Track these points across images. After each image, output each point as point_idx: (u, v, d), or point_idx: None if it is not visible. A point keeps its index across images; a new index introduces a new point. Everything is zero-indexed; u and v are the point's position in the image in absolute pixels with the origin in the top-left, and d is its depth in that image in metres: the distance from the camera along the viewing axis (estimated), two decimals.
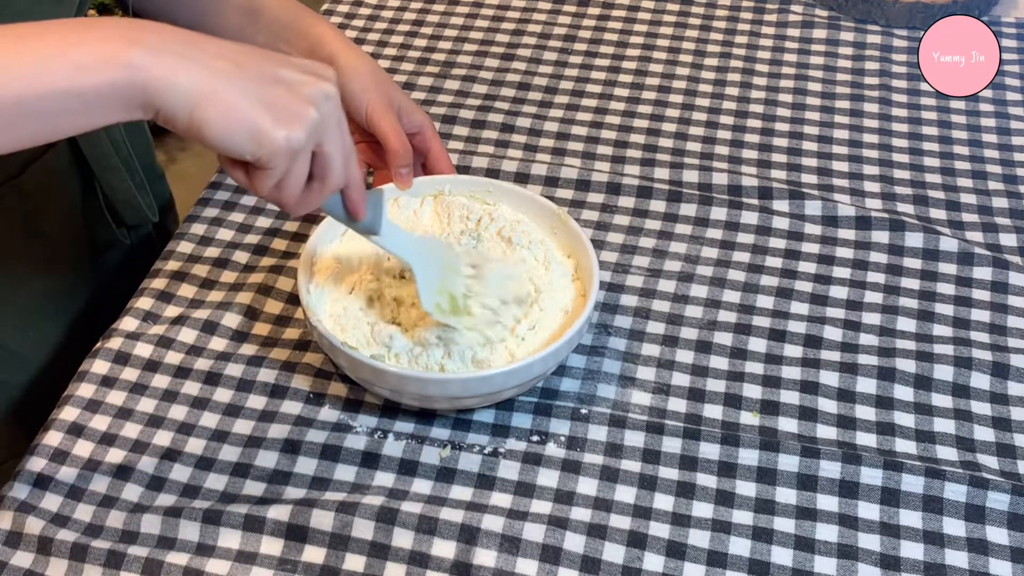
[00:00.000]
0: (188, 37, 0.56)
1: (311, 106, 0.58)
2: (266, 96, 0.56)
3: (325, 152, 0.60)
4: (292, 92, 0.57)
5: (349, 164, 0.63)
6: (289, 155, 0.57)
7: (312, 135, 0.58)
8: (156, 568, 0.68)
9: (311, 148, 0.59)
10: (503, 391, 0.73)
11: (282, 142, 0.56)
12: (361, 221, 0.68)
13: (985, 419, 0.77)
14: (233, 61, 0.56)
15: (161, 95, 0.53)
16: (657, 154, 0.98)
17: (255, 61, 0.57)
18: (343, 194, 0.66)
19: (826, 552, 0.69)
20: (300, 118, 0.57)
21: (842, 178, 0.96)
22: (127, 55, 0.53)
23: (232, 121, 0.55)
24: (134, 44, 0.53)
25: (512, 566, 0.68)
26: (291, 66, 0.59)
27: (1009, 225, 0.92)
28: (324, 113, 0.59)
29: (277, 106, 0.56)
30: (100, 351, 0.81)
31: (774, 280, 0.87)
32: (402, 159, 0.83)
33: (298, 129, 0.57)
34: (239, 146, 0.56)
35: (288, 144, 0.57)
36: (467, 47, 1.12)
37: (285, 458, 0.74)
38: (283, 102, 0.57)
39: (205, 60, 0.55)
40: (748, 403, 0.78)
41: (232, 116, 0.55)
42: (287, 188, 0.60)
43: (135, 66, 0.53)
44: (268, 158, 0.57)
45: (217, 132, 0.55)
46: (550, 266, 0.79)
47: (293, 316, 0.84)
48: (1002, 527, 0.70)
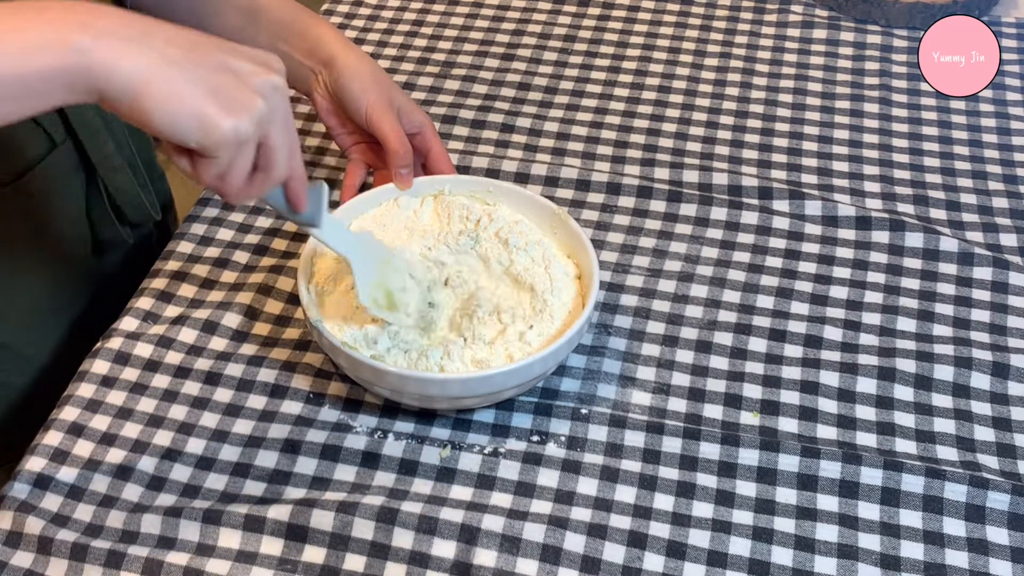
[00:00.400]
0: (141, 23, 0.55)
1: (259, 96, 0.57)
2: (214, 84, 0.55)
3: (271, 144, 0.60)
4: (240, 81, 0.57)
5: (293, 156, 0.63)
6: (235, 145, 0.57)
7: (259, 126, 0.58)
8: (156, 568, 0.67)
9: (257, 139, 0.59)
10: (503, 391, 0.73)
11: (229, 132, 0.56)
12: (301, 213, 0.68)
13: (985, 419, 0.77)
14: (183, 48, 0.55)
15: (104, 79, 0.53)
16: (657, 154, 0.98)
17: (205, 49, 0.57)
18: (285, 186, 0.66)
19: (826, 552, 0.69)
20: (248, 108, 0.56)
21: (842, 178, 0.96)
22: (73, 38, 0.52)
23: (177, 108, 0.54)
24: (81, 28, 0.53)
25: (512, 566, 0.68)
26: (241, 56, 0.58)
27: (1009, 225, 0.92)
28: (272, 104, 0.58)
29: (225, 95, 0.56)
30: (100, 351, 0.81)
31: (774, 280, 0.87)
32: (402, 159, 0.83)
33: (245, 119, 0.56)
34: (184, 133, 0.55)
35: (235, 134, 0.56)
36: (467, 47, 1.12)
37: (285, 458, 0.74)
38: (231, 91, 0.56)
39: (154, 45, 0.54)
40: (748, 403, 0.78)
41: (177, 103, 0.54)
42: (230, 178, 0.59)
43: (80, 50, 0.52)
44: (213, 147, 0.56)
45: (161, 118, 0.54)
46: (550, 266, 0.79)
47: (293, 316, 0.84)
48: (1002, 527, 0.70)
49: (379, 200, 0.84)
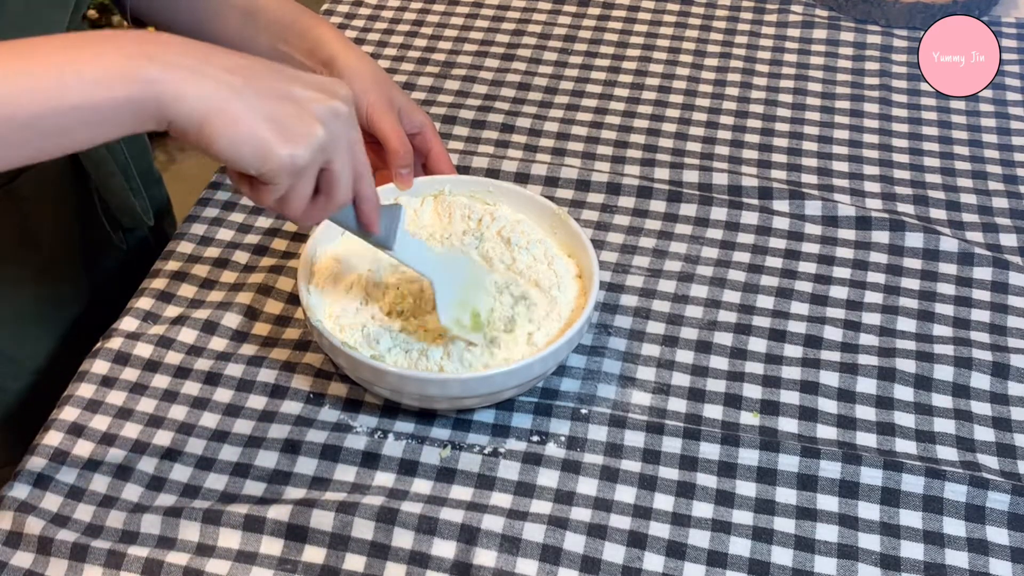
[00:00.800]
0: (202, 50, 0.57)
1: (319, 124, 0.58)
2: (274, 112, 0.57)
3: (333, 170, 0.61)
4: (301, 109, 0.58)
5: (361, 181, 0.64)
6: (292, 172, 0.58)
7: (318, 154, 0.58)
8: (156, 568, 0.67)
9: (317, 166, 0.60)
10: (503, 391, 0.73)
11: (286, 159, 0.57)
12: (374, 236, 0.69)
13: (985, 419, 0.77)
14: (244, 76, 0.56)
15: (173, 109, 0.54)
16: (657, 154, 0.98)
17: (267, 76, 0.58)
18: (357, 208, 0.67)
19: (826, 552, 0.69)
20: (306, 136, 0.57)
21: (842, 178, 0.96)
22: (142, 70, 0.54)
23: (238, 136, 0.55)
24: (148, 59, 0.54)
25: (512, 566, 0.68)
26: (303, 83, 0.59)
27: (1009, 225, 0.92)
28: (332, 131, 0.59)
29: (284, 123, 0.57)
30: (100, 351, 0.81)
31: (774, 280, 0.87)
32: (402, 159, 0.83)
33: (303, 147, 0.57)
34: (244, 161, 0.56)
35: (292, 162, 0.57)
36: (467, 47, 1.12)
37: (285, 458, 0.74)
38: (290, 119, 0.57)
39: (216, 74, 0.56)
40: (748, 403, 0.78)
41: (238, 131, 0.55)
42: (291, 203, 0.61)
43: (150, 80, 0.54)
44: (271, 174, 0.57)
45: (224, 146, 0.55)
46: (552, 264, 0.79)
47: (293, 316, 0.84)
48: (1002, 527, 0.70)
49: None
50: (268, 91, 0.57)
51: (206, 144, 0.56)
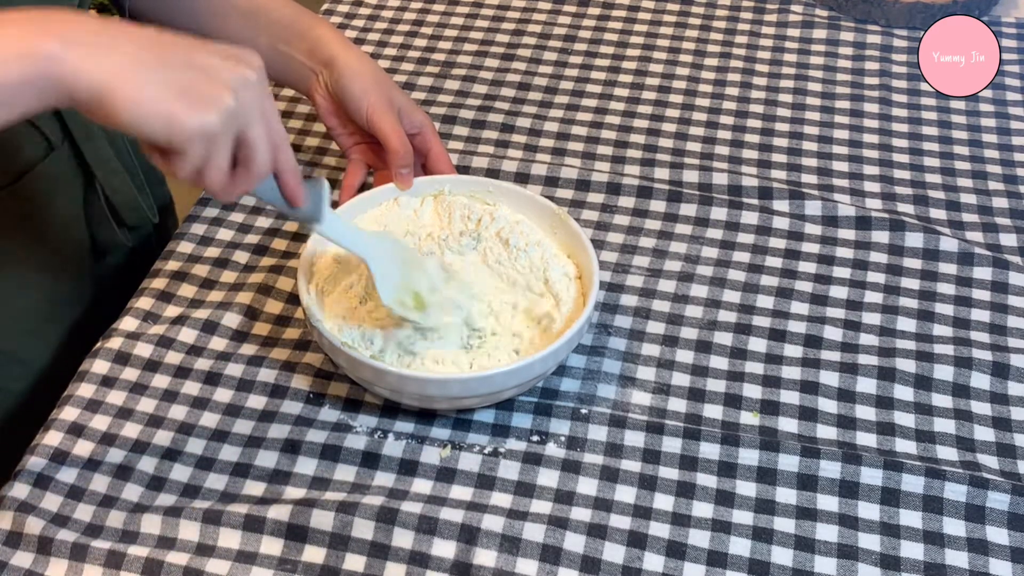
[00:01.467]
0: (106, 27, 0.56)
1: (228, 91, 0.57)
2: (180, 82, 0.56)
3: (248, 138, 0.60)
4: (209, 78, 0.57)
5: (279, 151, 0.63)
6: (204, 140, 0.57)
7: (229, 121, 0.57)
8: (156, 568, 0.67)
9: (231, 134, 0.58)
10: (503, 391, 0.73)
11: (195, 127, 0.56)
12: (299, 209, 0.67)
13: (985, 419, 0.77)
14: (149, 49, 0.56)
15: (72, 84, 0.53)
16: (657, 154, 0.98)
17: (174, 49, 0.57)
18: (279, 180, 0.65)
19: (826, 552, 0.69)
20: (214, 103, 0.56)
21: (842, 178, 0.96)
22: (41, 47, 0.53)
23: (142, 107, 0.54)
24: (48, 36, 0.53)
25: (512, 566, 0.68)
26: (212, 53, 0.58)
27: (1009, 225, 0.92)
28: (243, 99, 0.58)
29: (191, 92, 0.56)
30: (100, 351, 0.81)
31: (774, 280, 0.87)
32: (402, 159, 0.83)
33: (212, 114, 0.56)
34: (151, 131, 0.55)
35: (202, 128, 0.56)
36: (467, 47, 1.12)
37: (285, 458, 0.74)
38: (198, 87, 0.56)
39: (119, 48, 0.55)
40: (748, 403, 0.78)
41: (142, 102, 0.54)
42: (208, 174, 0.59)
43: (48, 57, 0.53)
44: (181, 143, 0.56)
45: (127, 118, 0.54)
46: (550, 266, 0.79)
47: (293, 316, 0.84)
48: (1002, 527, 0.70)
49: (379, 200, 0.84)
50: (174, 61, 0.56)
51: (108, 118, 0.55)
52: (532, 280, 0.79)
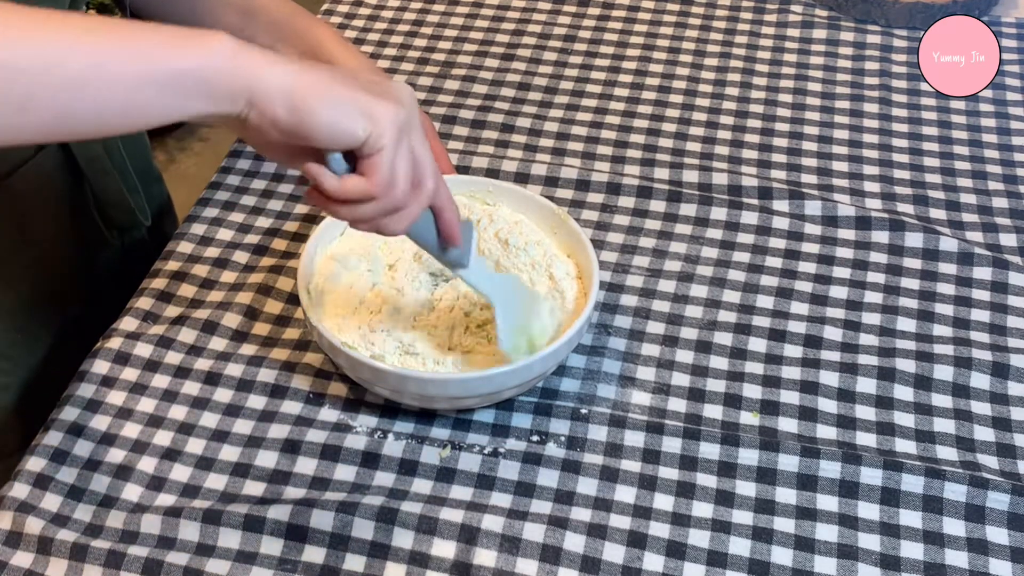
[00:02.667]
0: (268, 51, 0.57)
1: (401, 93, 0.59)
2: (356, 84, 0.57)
3: (416, 152, 0.60)
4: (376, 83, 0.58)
5: (439, 181, 0.62)
6: (398, 130, 0.57)
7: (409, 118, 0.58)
8: (156, 568, 0.68)
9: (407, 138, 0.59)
10: (503, 391, 0.73)
11: (391, 113, 0.56)
12: (455, 248, 0.66)
13: (985, 419, 0.77)
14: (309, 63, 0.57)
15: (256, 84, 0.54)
16: (657, 154, 0.98)
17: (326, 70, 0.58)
18: (439, 219, 0.65)
19: (826, 552, 0.69)
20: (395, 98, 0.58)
21: (842, 178, 0.96)
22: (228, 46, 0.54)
23: (337, 102, 0.55)
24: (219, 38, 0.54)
25: (512, 566, 0.68)
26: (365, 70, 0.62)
27: (1009, 225, 0.92)
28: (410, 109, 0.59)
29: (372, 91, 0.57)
30: (100, 351, 0.81)
31: (774, 280, 0.87)
32: None
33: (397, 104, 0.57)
34: (350, 125, 0.56)
35: (397, 116, 0.57)
36: (467, 47, 1.12)
37: (285, 458, 0.74)
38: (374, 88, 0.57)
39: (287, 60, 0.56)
40: (748, 403, 0.78)
41: (336, 98, 0.55)
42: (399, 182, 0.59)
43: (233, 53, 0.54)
44: (379, 133, 0.56)
45: (324, 116, 0.55)
46: (552, 265, 0.79)
47: (293, 316, 0.84)
48: (1002, 527, 0.70)
49: None
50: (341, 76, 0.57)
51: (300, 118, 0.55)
52: (536, 277, 0.79)
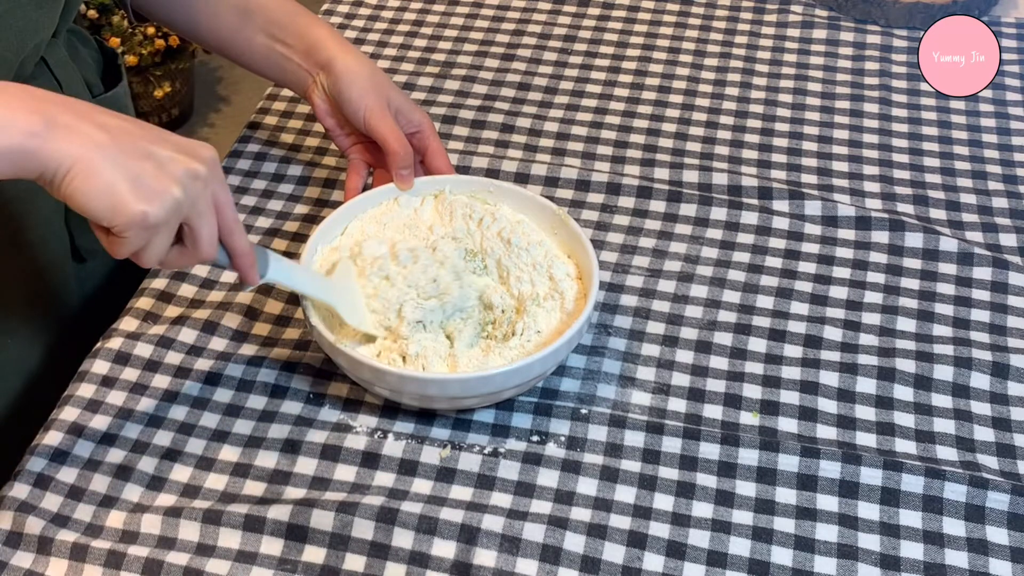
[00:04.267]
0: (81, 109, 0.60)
1: (176, 184, 0.60)
2: (134, 170, 0.59)
3: (193, 227, 0.63)
4: (160, 169, 0.60)
5: (232, 237, 0.66)
6: (143, 228, 0.60)
7: (172, 213, 0.61)
8: (156, 568, 0.68)
9: (175, 224, 0.62)
10: (503, 391, 0.73)
11: (137, 215, 0.59)
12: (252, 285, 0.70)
13: (985, 419, 0.77)
14: (112, 134, 0.59)
15: (45, 162, 0.57)
16: (657, 154, 0.98)
17: (132, 136, 0.60)
18: (233, 263, 0.68)
19: (826, 552, 0.69)
20: (160, 195, 0.60)
21: (842, 178, 0.96)
22: (29, 123, 0.57)
23: (94, 189, 0.58)
24: (34, 113, 0.57)
25: (512, 566, 0.68)
26: (167, 144, 0.62)
27: (1009, 225, 0.92)
28: (190, 192, 0.61)
29: (141, 181, 0.59)
30: (100, 351, 0.81)
31: (774, 280, 0.87)
32: (402, 161, 0.83)
33: (156, 205, 0.59)
34: (97, 213, 0.59)
35: (143, 218, 0.59)
36: (467, 47, 1.12)
37: (285, 458, 0.74)
38: (148, 178, 0.59)
39: (88, 131, 0.58)
40: (748, 403, 0.78)
41: (95, 185, 0.58)
42: (144, 256, 0.62)
43: (34, 134, 0.57)
44: (121, 228, 0.59)
45: (80, 199, 0.58)
46: (552, 265, 0.79)
47: (293, 316, 0.84)
48: (1002, 527, 0.70)
49: (379, 200, 0.84)
50: (132, 150, 0.60)
51: (65, 196, 0.58)
52: (536, 277, 0.79)
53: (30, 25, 0.74)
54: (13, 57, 0.74)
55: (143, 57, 2.10)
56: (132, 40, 2.09)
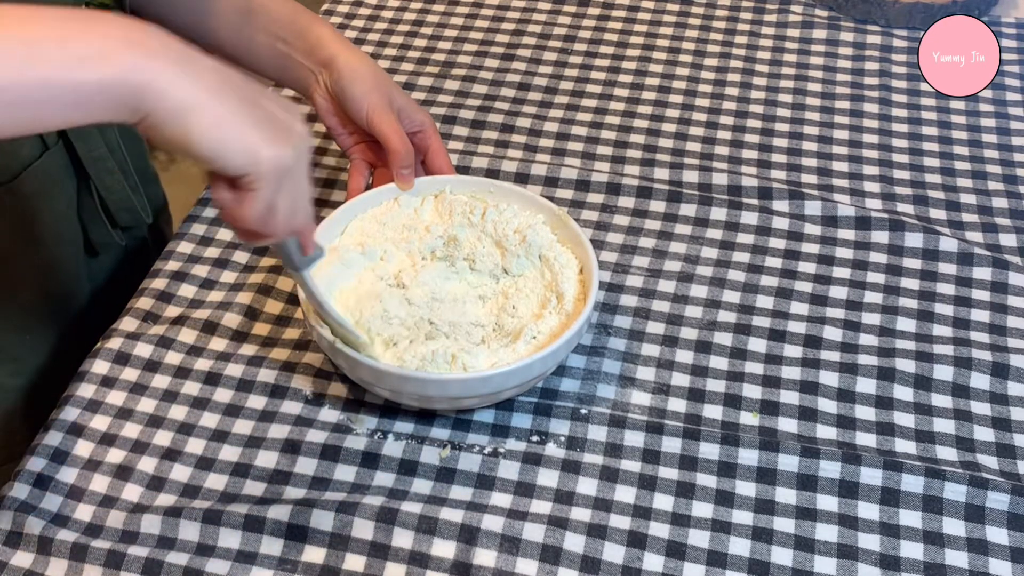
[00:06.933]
0: (184, 48, 0.55)
1: (295, 134, 0.58)
2: (254, 116, 0.56)
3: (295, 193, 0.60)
4: (275, 117, 0.57)
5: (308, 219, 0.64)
6: (277, 174, 0.57)
7: (299, 159, 0.58)
8: (156, 568, 0.68)
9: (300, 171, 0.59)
10: (503, 391, 0.73)
11: (273, 159, 0.56)
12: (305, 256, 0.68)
13: (985, 419, 0.77)
14: (223, 78, 0.55)
15: (153, 100, 0.52)
16: (657, 154, 0.98)
17: (239, 83, 0.57)
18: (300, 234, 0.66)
19: (826, 552, 0.69)
20: (288, 140, 0.57)
21: (842, 178, 0.96)
22: (126, 55, 0.51)
23: (225, 134, 0.54)
24: (134, 45, 0.52)
25: (512, 566, 0.68)
26: (271, 98, 0.59)
27: (1009, 225, 0.92)
28: (300, 150, 0.58)
29: (264, 127, 0.56)
30: (100, 351, 0.81)
31: (774, 280, 0.87)
32: (403, 160, 0.83)
33: (288, 150, 0.56)
34: (231, 160, 0.55)
35: (278, 162, 0.56)
36: (467, 47, 1.12)
37: (285, 458, 0.74)
38: (270, 125, 0.56)
39: (197, 73, 0.54)
40: (748, 403, 0.78)
41: (224, 129, 0.54)
42: (277, 215, 0.59)
43: (133, 68, 0.51)
44: (257, 176, 0.56)
45: (208, 143, 0.54)
46: (552, 265, 0.79)
47: (293, 316, 0.84)
48: (1002, 527, 0.70)
49: (380, 199, 0.84)
50: (244, 97, 0.56)
51: (186, 141, 0.53)
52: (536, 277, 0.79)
53: None
54: None
55: None
56: None
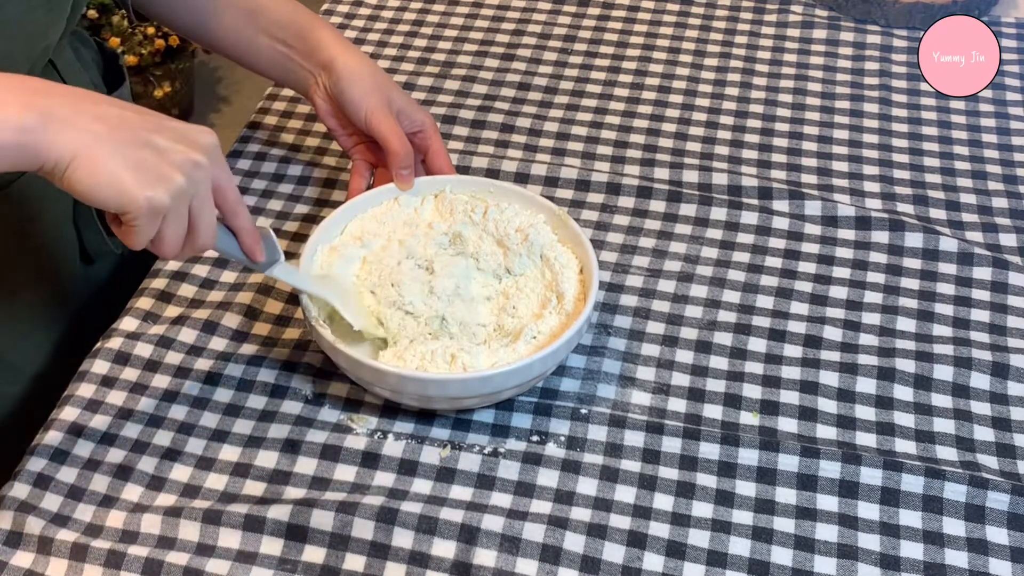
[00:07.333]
0: (76, 99, 0.60)
1: (178, 171, 0.61)
2: (136, 159, 0.60)
3: (192, 214, 0.64)
4: (161, 157, 0.61)
5: (236, 218, 0.69)
6: (152, 214, 0.61)
7: (178, 197, 0.62)
8: (156, 568, 0.68)
9: (183, 210, 0.63)
10: (503, 391, 0.73)
11: (144, 202, 0.60)
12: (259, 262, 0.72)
13: (985, 419, 0.77)
14: (110, 125, 0.60)
15: (44, 155, 0.58)
16: (657, 154, 0.98)
17: (132, 126, 0.61)
18: (238, 240, 0.70)
19: (826, 552, 0.69)
20: (164, 181, 0.61)
21: (842, 178, 0.96)
22: (23, 119, 0.57)
23: (99, 179, 0.59)
24: (28, 108, 0.58)
25: (512, 566, 0.68)
26: (167, 132, 0.62)
27: (1009, 225, 0.92)
28: (193, 179, 0.62)
29: (144, 169, 0.60)
30: (100, 351, 0.81)
31: (774, 280, 0.87)
32: (402, 160, 0.83)
33: (161, 191, 0.60)
34: (105, 202, 0.60)
35: (150, 204, 0.60)
36: (467, 47, 1.12)
37: (285, 458, 0.74)
38: (150, 166, 0.60)
39: (85, 124, 0.59)
40: (748, 403, 0.78)
41: (99, 175, 0.59)
42: (161, 244, 0.64)
43: (28, 129, 0.57)
44: (132, 216, 0.60)
45: (85, 188, 0.59)
46: (552, 265, 0.79)
47: (293, 316, 0.84)
48: (1002, 527, 0.70)
49: (380, 199, 0.84)
50: (131, 140, 0.60)
51: (70, 187, 0.59)
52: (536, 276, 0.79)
53: (39, 28, 0.74)
54: (23, 60, 0.74)
55: (143, 57, 2.10)
56: (132, 40, 2.09)
